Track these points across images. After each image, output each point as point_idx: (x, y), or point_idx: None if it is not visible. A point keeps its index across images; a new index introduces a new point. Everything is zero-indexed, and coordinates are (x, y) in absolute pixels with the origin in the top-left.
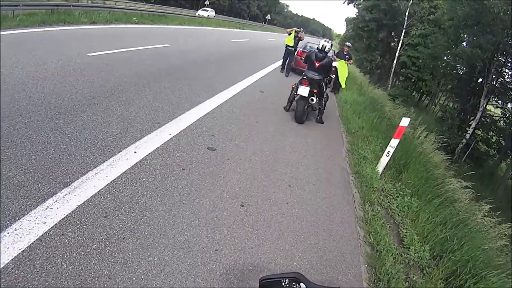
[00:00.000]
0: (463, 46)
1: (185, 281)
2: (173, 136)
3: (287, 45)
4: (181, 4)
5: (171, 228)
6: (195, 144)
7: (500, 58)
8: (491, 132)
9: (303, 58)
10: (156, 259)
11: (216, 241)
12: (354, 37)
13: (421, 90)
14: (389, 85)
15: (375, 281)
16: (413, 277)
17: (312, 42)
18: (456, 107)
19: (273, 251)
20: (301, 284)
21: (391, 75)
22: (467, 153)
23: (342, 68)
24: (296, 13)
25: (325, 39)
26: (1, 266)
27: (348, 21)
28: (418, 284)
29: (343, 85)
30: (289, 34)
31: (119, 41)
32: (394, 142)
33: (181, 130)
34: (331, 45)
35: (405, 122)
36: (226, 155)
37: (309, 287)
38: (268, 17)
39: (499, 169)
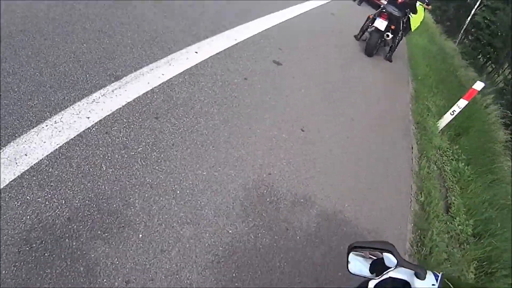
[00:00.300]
0: None
1: (232, 203)
2: (239, 42)
3: None
4: None
5: (225, 141)
6: (260, 55)
7: None
8: None
9: None
10: (205, 173)
11: (271, 163)
12: None
13: (488, 56)
14: (457, 41)
15: (419, 244)
16: (452, 249)
17: None
18: None
19: (327, 187)
20: (391, 256)
21: (462, 31)
22: None
23: (419, 11)
24: None
25: None
26: (33, 163)
27: None
28: (455, 258)
29: (413, 28)
30: None
31: None
32: (462, 102)
33: (248, 37)
34: None
35: (478, 86)
36: (292, 73)
37: (399, 262)
38: None
39: None
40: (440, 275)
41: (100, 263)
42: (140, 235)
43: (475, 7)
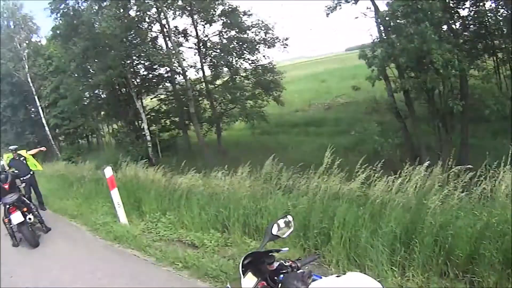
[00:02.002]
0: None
1: None
2: None
3: None
4: None
5: None
6: None
7: (129, 62)
8: (162, 119)
9: None
10: None
11: None
12: None
13: (85, 135)
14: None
15: None
16: None
17: None
18: (122, 125)
19: None
20: None
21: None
22: (159, 150)
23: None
24: None
25: None
26: None
27: None
28: None
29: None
30: None
31: None
32: (114, 192)
33: None
34: (3, 160)
35: (108, 172)
36: None
37: None
38: None
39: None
40: None
41: None
42: None
43: None
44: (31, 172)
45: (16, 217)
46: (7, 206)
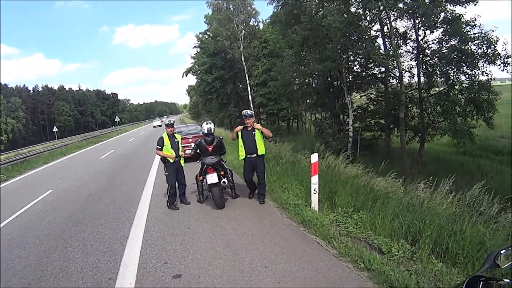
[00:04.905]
0: (311, 64)
1: None
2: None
3: (166, 160)
4: (32, 141)
5: None
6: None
7: (344, 56)
8: (367, 118)
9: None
10: None
11: None
12: (205, 102)
13: (286, 118)
14: None
15: None
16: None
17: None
18: (325, 116)
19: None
20: None
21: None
22: (358, 147)
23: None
24: (138, 103)
25: (206, 121)
26: None
27: (191, 89)
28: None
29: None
30: (161, 147)
31: None
32: (315, 178)
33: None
34: (213, 124)
35: (315, 158)
36: (193, 279)
37: None
38: (117, 118)
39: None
40: None
41: None
42: None
43: (249, 92)
44: (258, 153)
45: (212, 178)
46: (205, 166)
